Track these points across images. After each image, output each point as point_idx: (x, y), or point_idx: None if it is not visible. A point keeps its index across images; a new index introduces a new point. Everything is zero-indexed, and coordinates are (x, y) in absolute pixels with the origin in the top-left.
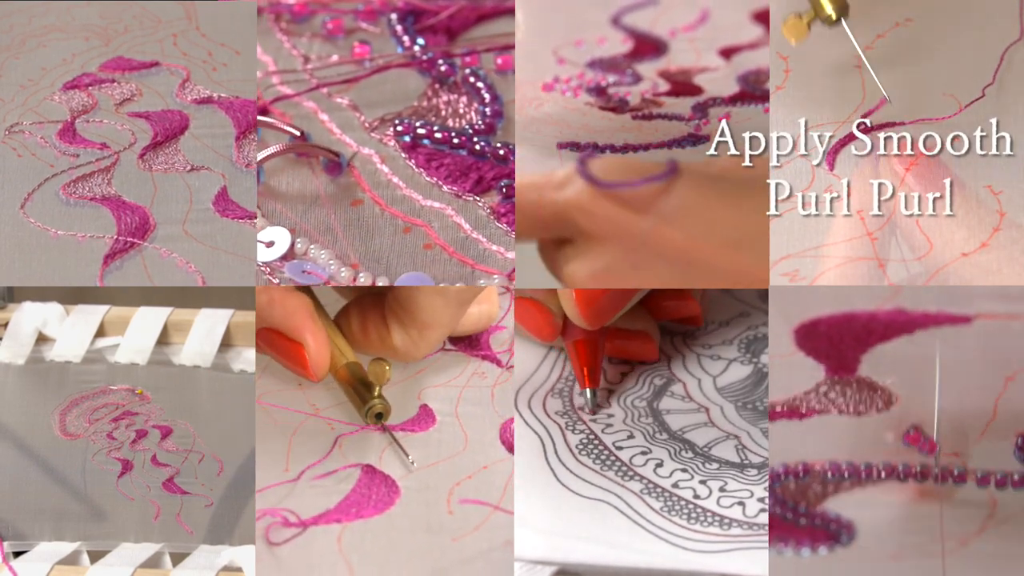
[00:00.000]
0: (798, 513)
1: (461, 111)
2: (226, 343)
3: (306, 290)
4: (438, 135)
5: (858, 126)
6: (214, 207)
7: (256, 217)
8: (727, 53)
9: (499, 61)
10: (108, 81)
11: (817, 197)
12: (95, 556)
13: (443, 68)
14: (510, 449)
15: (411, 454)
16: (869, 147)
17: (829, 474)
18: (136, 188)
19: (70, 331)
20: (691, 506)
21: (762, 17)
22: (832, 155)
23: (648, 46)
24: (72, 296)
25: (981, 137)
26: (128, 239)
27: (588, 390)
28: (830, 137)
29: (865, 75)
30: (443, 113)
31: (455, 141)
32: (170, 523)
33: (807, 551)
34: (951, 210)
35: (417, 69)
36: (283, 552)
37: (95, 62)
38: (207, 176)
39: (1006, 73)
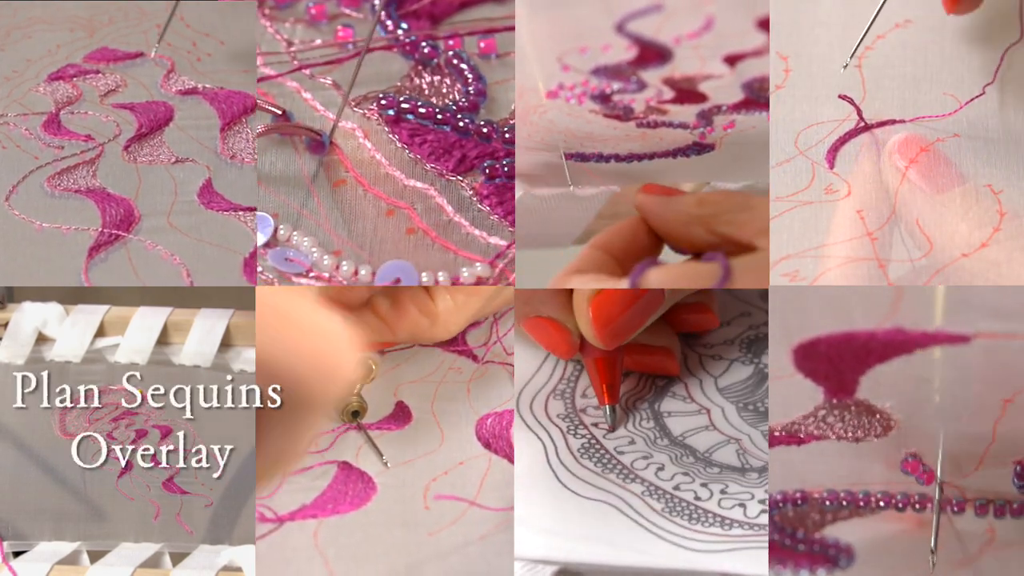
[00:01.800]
0: (796, 539)
1: (444, 91)
2: (226, 343)
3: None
4: (422, 110)
5: (858, 124)
6: (199, 199)
7: (254, 210)
8: (731, 60)
9: (482, 45)
10: (93, 72)
11: (817, 197)
12: (95, 556)
13: (426, 50)
14: (486, 445)
15: (385, 454)
16: (869, 145)
17: (827, 503)
18: (121, 180)
19: (70, 331)
20: (692, 507)
21: (766, 24)
22: (832, 154)
23: (653, 53)
24: (72, 296)
25: (981, 136)
26: (113, 231)
27: (608, 407)
28: (830, 135)
29: (866, 74)
30: (426, 93)
31: (439, 117)
32: (170, 523)
33: (806, 573)
34: (953, 205)
35: (400, 52)
36: (259, 547)
37: (80, 53)
38: (192, 168)
39: (1006, 73)
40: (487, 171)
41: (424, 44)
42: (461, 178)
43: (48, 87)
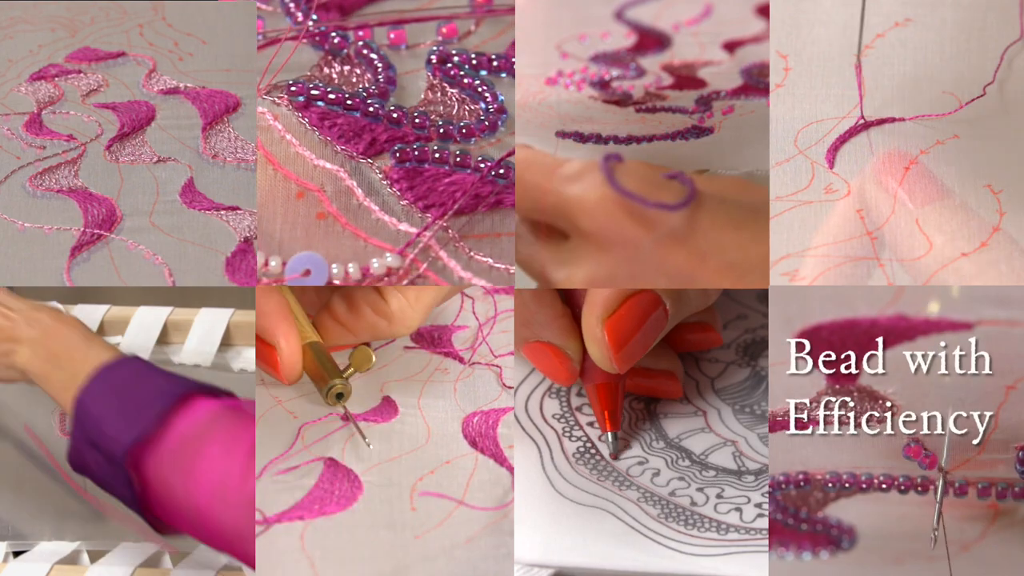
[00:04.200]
0: (799, 519)
1: (354, 80)
2: (226, 343)
3: (282, 288)
4: (332, 96)
5: (858, 121)
6: (181, 198)
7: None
8: (730, 47)
9: (392, 36)
10: (75, 72)
11: (817, 196)
12: (95, 556)
13: (336, 40)
14: (472, 444)
15: (367, 437)
16: (868, 146)
17: (830, 484)
18: (103, 180)
19: None
20: (688, 512)
21: (765, 11)
22: (832, 153)
23: (652, 40)
24: (72, 296)
25: (981, 136)
26: (95, 231)
27: (610, 434)
28: (830, 134)
29: (865, 72)
30: (336, 82)
31: (349, 103)
32: None
33: (808, 555)
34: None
35: (310, 43)
36: None
37: (61, 53)
38: (174, 167)
39: (1006, 72)
40: (397, 155)
41: (334, 34)
42: (371, 161)
43: (30, 87)
